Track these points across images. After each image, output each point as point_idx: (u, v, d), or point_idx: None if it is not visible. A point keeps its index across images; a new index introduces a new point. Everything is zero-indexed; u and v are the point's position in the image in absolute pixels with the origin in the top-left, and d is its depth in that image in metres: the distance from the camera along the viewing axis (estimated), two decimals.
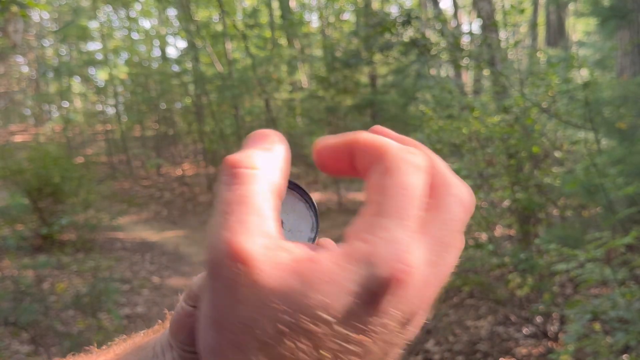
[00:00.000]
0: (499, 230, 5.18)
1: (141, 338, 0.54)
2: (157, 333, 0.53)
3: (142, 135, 16.14)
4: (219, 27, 13.40)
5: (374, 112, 10.47)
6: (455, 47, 5.22)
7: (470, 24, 15.38)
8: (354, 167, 0.35)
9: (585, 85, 3.30)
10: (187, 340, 0.48)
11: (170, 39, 17.34)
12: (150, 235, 9.31)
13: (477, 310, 4.68)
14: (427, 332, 4.48)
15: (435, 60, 7.96)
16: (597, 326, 2.95)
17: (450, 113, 4.99)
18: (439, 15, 7.65)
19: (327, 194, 11.30)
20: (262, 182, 0.32)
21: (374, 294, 0.28)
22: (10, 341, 4.32)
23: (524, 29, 12.56)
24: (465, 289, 4.49)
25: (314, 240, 0.38)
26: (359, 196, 10.64)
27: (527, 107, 4.27)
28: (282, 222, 0.39)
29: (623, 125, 3.48)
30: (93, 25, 15.65)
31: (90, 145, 17.41)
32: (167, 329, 0.50)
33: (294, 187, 0.40)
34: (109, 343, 0.54)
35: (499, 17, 6.07)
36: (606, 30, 4.37)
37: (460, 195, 0.33)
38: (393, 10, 11.47)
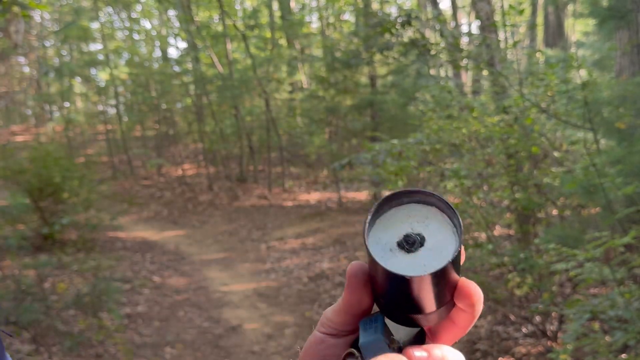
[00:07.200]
0: (498, 230, 5.20)
1: None
2: None
3: (143, 135, 16.14)
4: (220, 28, 13.41)
5: (373, 112, 10.47)
6: (454, 47, 5.23)
7: (470, 25, 15.40)
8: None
9: (584, 85, 3.31)
10: None
11: (170, 40, 17.31)
12: (150, 234, 9.32)
13: None
14: None
15: (435, 60, 7.97)
16: (596, 325, 2.96)
17: (450, 113, 4.99)
18: (439, 15, 7.66)
19: (327, 194, 11.31)
20: None
21: None
22: (11, 340, 4.33)
23: (523, 29, 12.57)
24: None
25: (452, 262, 0.37)
26: (359, 195, 10.66)
27: (526, 107, 4.28)
28: (424, 239, 0.38)
29: (622, 125, 3.49)
30: (94, 25, 15.68)
31: (91, 145, 17.42)
32: None
33: (447, 208, 0.39)
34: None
35: (498, 17, 6.08)
36: (605, 31, 4.38)
37: None
38: (393, 11, 11.48)
